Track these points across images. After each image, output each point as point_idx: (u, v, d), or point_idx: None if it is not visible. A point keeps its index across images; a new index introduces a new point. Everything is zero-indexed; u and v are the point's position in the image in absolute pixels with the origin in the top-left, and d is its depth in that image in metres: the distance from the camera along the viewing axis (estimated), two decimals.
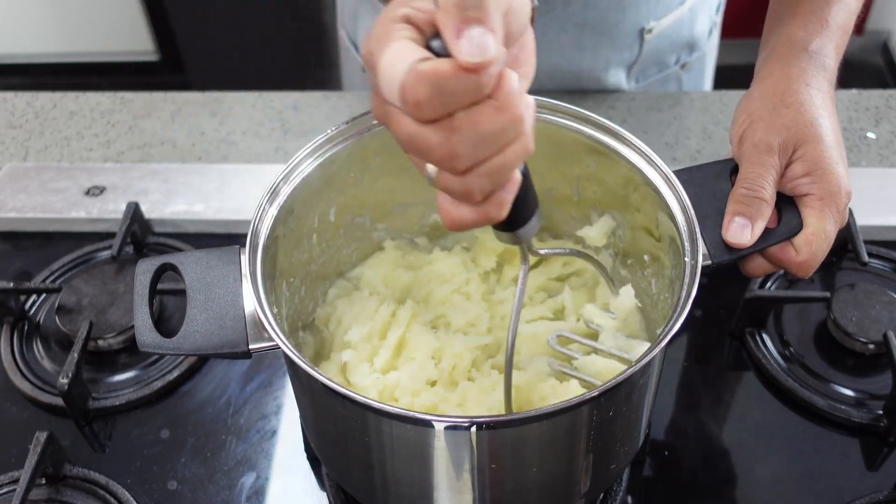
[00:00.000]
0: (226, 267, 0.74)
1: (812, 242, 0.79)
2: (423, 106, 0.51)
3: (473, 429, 0.65)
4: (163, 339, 0.71)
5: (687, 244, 0.75)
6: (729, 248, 0.79)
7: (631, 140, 0.81)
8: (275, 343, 0.68)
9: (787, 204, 0.81)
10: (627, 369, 0.65)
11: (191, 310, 0.72)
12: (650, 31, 1.25)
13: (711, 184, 0.81)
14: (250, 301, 0.72)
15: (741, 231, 0.78)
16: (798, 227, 0.80)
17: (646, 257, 0.87)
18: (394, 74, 0.51)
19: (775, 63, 0.85)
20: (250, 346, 0.70)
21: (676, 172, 0.80)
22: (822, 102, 0.82)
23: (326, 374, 0.66)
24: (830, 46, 0.85)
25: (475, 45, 0.50)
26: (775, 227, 0.80)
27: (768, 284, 1.06)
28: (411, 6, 0.53)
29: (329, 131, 0.81)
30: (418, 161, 0.56)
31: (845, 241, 1.07)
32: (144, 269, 0.76)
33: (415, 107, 0.51)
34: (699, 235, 0.75)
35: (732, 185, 0.82)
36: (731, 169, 0.83)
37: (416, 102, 0.51)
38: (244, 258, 0.74)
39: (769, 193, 0.79)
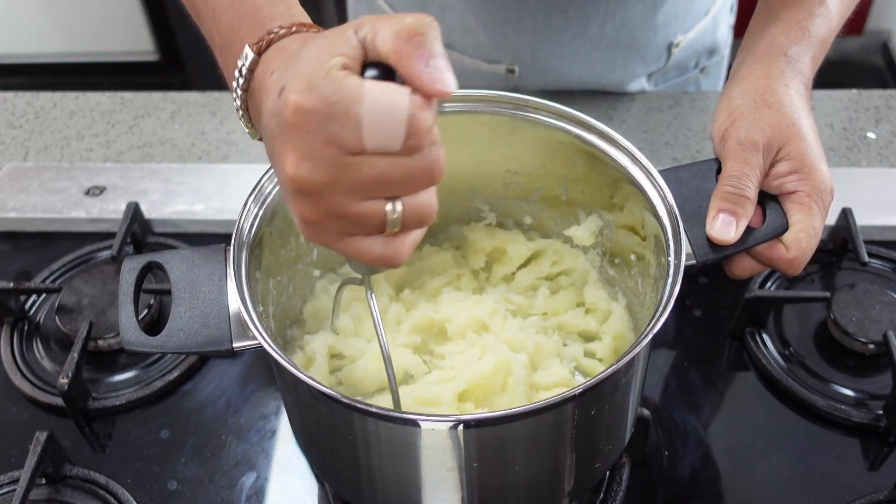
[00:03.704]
0: (212, 265, 0.74)
1: (802, 240, 0.79)
2: (428, 132, 0.53)
3: (460, 427, 0.65)
4: (147, 338, 0.71)
5: (671, 243, 0.75)
6: (714, 246, 0.79)
7: (617, 139, 0.82)
8: (255, 343, 0.68)
9: (771, 202, 0.81)
10: (611, 366, 0.66)
11: (176, 308, 0.72)
12: (678, 44, 1.26)
13: (697, 183, 0.81)
14: (235, 299, 0.71)
15: (726, 228, 0.78)
16: (784, 225, 0.80)
17: (632, 256, 0.87)
18: (394, 110, 0.51)
19: (755, 64, 0.86)
20: (234, 345, 0.70)
21: (662, 172, 0.80)
22: (800, 104, 0.84)
23: (311, 372, 0.66)
24: (808, 56, 0.87)
25: (442, 74, 0.52)
26: (760, 226, 0.80)
27: (768, 284, 1.06)
28: (341, 55, 0.53)
29: None
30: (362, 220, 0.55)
31: (845, 241, 1.07)
32: (130, 268, 0.75)
33: (425, 134, 0.53)
34: (683, 234, 0.76)
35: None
36: (716, 168, 0.83)
37: (427, 129, 0.53)
38: (229, 256, 0.73)
39: (753, 192, 0.79)
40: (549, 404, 0.64)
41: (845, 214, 1.07)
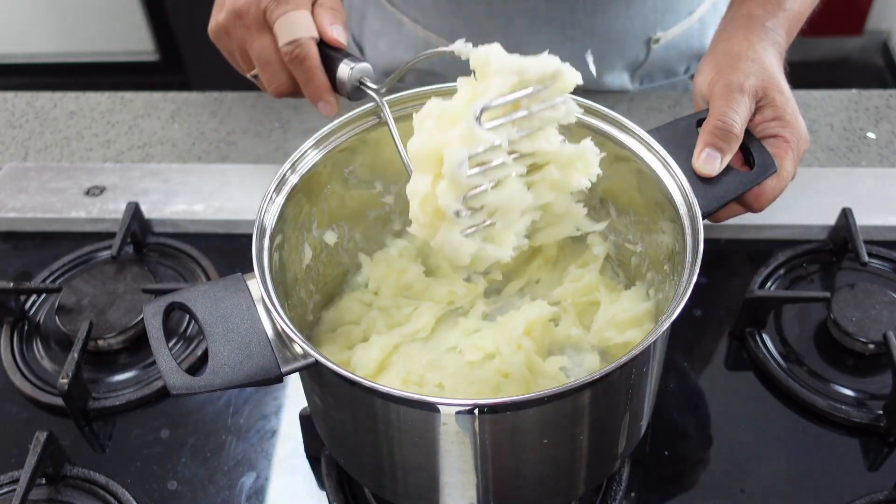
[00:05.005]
0: (235, 295, 0.74)
1: (777, 185, 0.84)
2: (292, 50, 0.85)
3: (476, 412, 0.66)
4: (192, 379, 0.69)
5: (681, 202, 0.77)
6: (710, 194, 0.80)
7: (603, 112, 0.83)
8: (305, 363, 0.69)
9: (755, 145, 0.84)
10: (627, 353, 0.66)
11: (213, 344, 0.71)
12: (657, 40, 1.26)
13: (681, 140, 0.83)
14: (269, 324, 0.72)
15: (711, 162, 0.81)
16: (772, 166, 0.83)
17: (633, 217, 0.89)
18: (298, 30, 0.84)
19: (736, 30, 0.92)
20: (283, 369, 0.70)
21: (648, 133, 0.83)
22: (778, 66, 0.89)
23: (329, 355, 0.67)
24: (783, 28, 0.92)
25: (340, 32, 0.86)
26: (750, 170, 0.83)
27: (768, 284, 1.06)
28: None
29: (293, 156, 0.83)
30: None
31: (845, 241, 1.07)
32: (153, 312, 0.74)
33: (289, 49, 0.85)
34: (689, 191, 0.77)
35: None
36: (696, 122, 0.85)
37: (289, 53, 0.85)
38: (255, 283, 0.73)
39: (739, 128, 0.82)
40: (567, 389, 0.65)
41: (845, 214, 1.07)
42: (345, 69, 0.84)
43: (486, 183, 0.69)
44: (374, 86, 0.84)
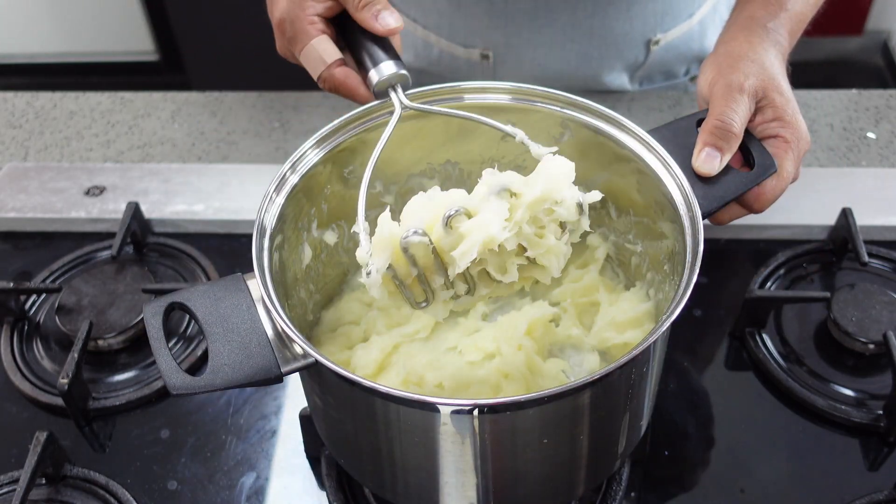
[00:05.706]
0: (235, 295, 0.74)
1: (778, 181, 0.84)
2: (324, 80, 0.87)
3: (476, 412, 0.67)
4: (192, 379, 0.69)
5: (680, 202, 0.77)
6: (710, 194, 0.80)
7: (603, 112, 0.83)
8: (305, 363, 0.69)
9: (755, 145, 0.84)
10: (632, 350, 0.66)
11: (213, 344, 0.71)
12: (657, 42, 1.26)
13: (681, 140, 0.83)
14: (269, 324, 0.72)
15: (711, 161, 0.81)
16: (772, 167, 0.83)
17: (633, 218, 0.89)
18: (316, 65, 0.86)
19: (738, 33, 0.92)
20: (283, 369, 0.70)
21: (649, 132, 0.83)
22: (779, 67, 0.89)
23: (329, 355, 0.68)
24: (785, 29, 0.93)
25: (386, 20, 0.83)
26: (750, 170, 0.83)
27: (768, 284, 1.06)
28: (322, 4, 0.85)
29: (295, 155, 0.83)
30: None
31: (845, 241, 1.07)
32: (153, 312, 0.74)
33: (323, 81, 0.87)
34: (689, 191, 0.77)
35: None
36: (696, 122, 0.85)
37: (323, 86, 0.87)
38: (255, 283, 0.73)
39: (739, 128, 0.82)
40: (567, 389, 0.65)
41: (845, 214, 1.07)
42: (374, 77, 0.83)
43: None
44: (394, 100, 0.82)
